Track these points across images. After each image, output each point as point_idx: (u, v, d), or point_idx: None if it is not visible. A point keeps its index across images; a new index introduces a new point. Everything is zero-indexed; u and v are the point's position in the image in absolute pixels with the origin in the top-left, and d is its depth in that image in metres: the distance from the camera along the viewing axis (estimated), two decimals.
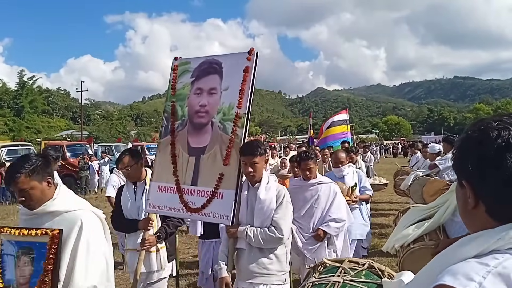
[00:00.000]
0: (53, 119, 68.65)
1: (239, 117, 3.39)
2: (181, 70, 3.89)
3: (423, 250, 2.75)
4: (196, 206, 3.43)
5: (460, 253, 0.92)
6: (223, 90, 3.55)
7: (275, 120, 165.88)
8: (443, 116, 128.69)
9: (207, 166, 3.48)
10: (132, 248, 3.99)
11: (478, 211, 0.96)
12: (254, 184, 3.28)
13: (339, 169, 5.47)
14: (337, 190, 4.39)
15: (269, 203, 3.17)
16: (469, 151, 0.97)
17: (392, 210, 11.05)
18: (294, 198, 4.13)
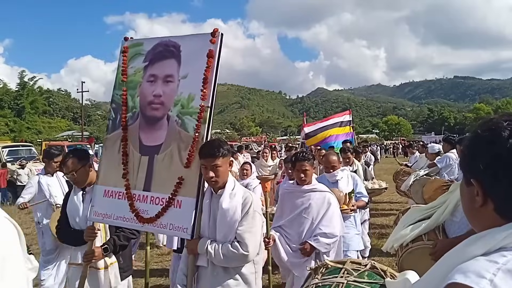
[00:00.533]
0: (54, 120, 68.58)
1: (202, 111, 2.87)
2: (133, 52, 3.34)
3: (421, 249, 2.77)
4: (149, 216, 2.92)
5: (468, 251, 0.92)
6: (181, 78, 3.03)
7: (275, 120, 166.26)
8: (443, 116, 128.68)
9: (163, 168, 2.98)
10: (76, 262, 3.48)
11: (485, 209, 0.97)
12: (217, 190, 2.81)
13: (332, 174, 4.84)
14: (332, 201, 3.87)
15: (232, 213, 2.70)
16: (480, 151, 0.98)
17: (392, 210, 11.06)
18: (283, 203, 3.92)
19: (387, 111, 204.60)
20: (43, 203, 5.69)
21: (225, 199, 2.73)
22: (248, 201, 2.76)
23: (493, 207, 0.96)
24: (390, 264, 6.19)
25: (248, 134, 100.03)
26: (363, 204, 5.06)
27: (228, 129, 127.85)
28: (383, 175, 15.51)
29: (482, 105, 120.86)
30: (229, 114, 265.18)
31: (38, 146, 27.12)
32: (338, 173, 4.86)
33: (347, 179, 4.94)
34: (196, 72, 2.94)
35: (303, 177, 3.83)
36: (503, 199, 0.94)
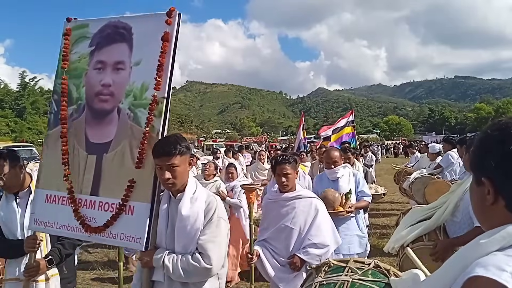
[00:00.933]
0: None
1: (156, 102, 2.49)
2: (76, 35, 2.89)
3: (422, 250, 2.77)
4: (97, 224, 2.54)
5: (483, 247, 0.94)
6: (133, 64, 2.64)
7: (276, 120, 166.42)
8: (444, 116, 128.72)
9: (112, 169, 2.59)
10: (13, 277, 3.03)
11: (497, 207, 1.00)
12: (176, 194, 2.43)
13: (333, 170, 4.52)
14: (320, 206, 3.48)
15: (193, 220, 2.33)
16: (491, 149, 1.00)
17: (393, 210, 11.07)
18: (267, 214, 3.61)
19: (387, 111, 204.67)
20: None
21: (185, 204, 2.37)
22: (212, 206, 2.39)
23: (504, 204, 0.99)
24: (391, 264, 6.18)
25: (249, 134, 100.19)
26: (365, 204, 4.61)
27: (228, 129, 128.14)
28: (384, 175, 15.55)
29: (483, 105, 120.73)
30: (230, 114, 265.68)
31: (39, 147, 27.11)
32: (339, 170, 4.53)
33: (348, 177, 4.62)
34: (151, 58, 2.55)
35: (284, 181, 3.42)
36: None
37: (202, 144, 44.23)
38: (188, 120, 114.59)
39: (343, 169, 4.61)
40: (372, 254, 6.73)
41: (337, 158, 4.55)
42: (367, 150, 13.45)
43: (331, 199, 4.09)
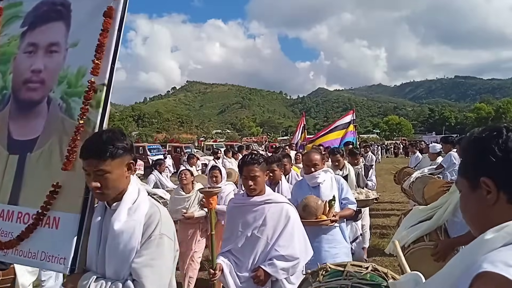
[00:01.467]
0: None
1: (94, 90, 2.09)
2: (8, 15, 2.48)
3: (423, 250, 2.78)
4: (9, 238, 2.07)
5: (488, 244, 0.95)
6: (70, 46, 2.23)
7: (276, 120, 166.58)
8: (444, 116, 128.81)
9: (37, 172, 2.14)
10: None
11: (498, 204, 1.02)
12: (112, 203, 1.94)
13: (313, 175, 4.05)
14: (292, 213, 3.05)
15: (128, 237, 1.83)
16: (489, 148, 1.03)
17: (393, 210, 11.06)
18: (232, 221, 3.14)
19: (388, 111, 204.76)
20: None
21: (120, 216, 1.86)
22: (153, 220, 1.88)
23: (506, 199, 1.01)
24: (392, 264, 6.19)
25: (249, 135, 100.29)
26: (350, 213, 4.14)
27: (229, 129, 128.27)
28: (384, 175, 15.53)
29: (483, 104, 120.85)
30: (230, 115, 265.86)
31: None
32: (320, 175, 4.07)
33: (331, 183, 4.15)
34: (91, 38, 2.14)
35: (251, 185, 3.00)
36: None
37: (202, 144, 44.23)
38: (188, 120, 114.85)
39: (325, 173, 4.15)
40: (372, 254, 6.76)
41: (317, 161, 4.10)
42: (367, 150, 13.43)
43: (313, 206, 3.70)
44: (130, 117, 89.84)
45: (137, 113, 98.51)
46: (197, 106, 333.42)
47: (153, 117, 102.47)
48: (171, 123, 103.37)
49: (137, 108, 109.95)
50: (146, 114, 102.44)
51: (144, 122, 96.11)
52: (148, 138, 66.85)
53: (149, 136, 71.01)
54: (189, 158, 11.13)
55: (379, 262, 6.46)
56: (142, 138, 60.96)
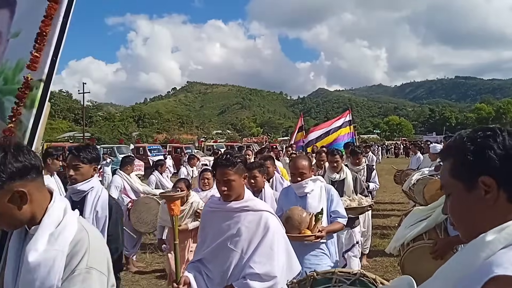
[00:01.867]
0: (55, 121, 68.74)
1: (29, 87, 1.76)
2: None
3: (422, 248, 2.81)
4: None
5: (490, 247, 0.93)
6: (11, 36, 1.93)
7: (276, 121, 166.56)
8: (445, 116, 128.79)
9: None
10: None
11: (498, 203, 1.01)
12: (30, 226, 1.54)
13: (300, 184, 3.67)
14: (271, 223, 2.58)
15: (46, 272, 1.42)
16: (488, 146, 1.02)
17: (394, 210, 11.08)
18: (206, 227, 2.75)
19: (388, 112, 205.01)
20: None
21: (36, 245, 1.45)
22: (79, 249, 1.46)
23: (506, 197, 1.00)
24: (392, 264, 6.20)
25: (249, 135, 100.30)
26: (339, 227, 3.74)
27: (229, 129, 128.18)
28: (385, 175, 15.53)
29: (483, 105, 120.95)
30: (230, 115, 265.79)
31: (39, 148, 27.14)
32: (308, 184, 3.68)
33: (320, 193, 3.75)
34: (33, 26, 1.81)
35: (225, 190, 2.56)
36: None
37: (202, 145, 44.24)
38: (188, 121, 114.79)
39: (313, 183, 3.76)
40: (373, 254, 6.77)
41: (305, 168, 3.70)
42: (367, 151, 13.42)
43: (296, 219, 3.32)
44: (130, 117, 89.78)
45: (137, 114, 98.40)
46: (197, 106, 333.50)
47: (154, 117, 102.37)
48: (172, 124, 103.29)
49: (137, 109, 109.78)
50: (147, 115, 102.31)
51: (145, 123, 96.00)
52: (148, 138, 66.74)
53: (149, 137, 70.88)
54: (189, 159, 11.14)
55: (379, 262, 6.47)
56: (142, 138, 60.92)
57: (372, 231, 7.90)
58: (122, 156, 11.57)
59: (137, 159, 21.35)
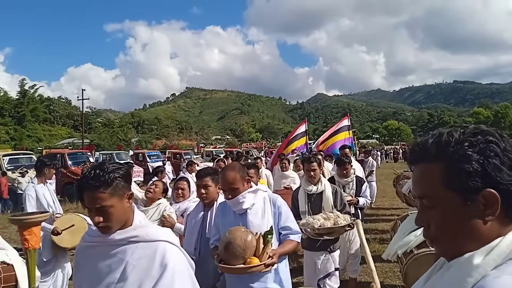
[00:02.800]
0: (54, 128, 68.80)
1: None
2: None
3: (427, 256, 2.78)
4: None
5: (479, 270, 0.86)
6: None
7: (275, 126, 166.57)
8: (444, 121, 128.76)
9: None
10: None
11: (495, 219, 0.91)
12: None
13: (235, 201, 2.96)
14: (171, 258, 1.77)
15: None
16: (493, 154, 0.91)
17: (393, 215, 11.03)
18: (80, 269, 1.92)
19: (387, 116, 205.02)
20: None
21: None
22: None
23: (503, 213, 0.90)
24: (391, 270, 6.18)
25: (249, 140, 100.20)
26: (293, 246, 3.05)
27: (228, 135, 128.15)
28: (384, 180, 15.56)
29: (482, 109, 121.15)
30: (229, 121, 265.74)
31: (38, 154, 27.13)
32: (246, 198, 2.98)
33: (263, 206, 3.06)
34: None
35: (100, 222, 1.76)
36: None
37: (202, 151, 44.20)
38: (187, 127, 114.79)
39: (253, 194, 3.05)
40: (373, 260, 6.72)
41: (235, 182, 2.95)
42: (367, 156, 13.43)
43: (239, 245, 2.55)
44: (129, 123, 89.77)
45: (136, 120, 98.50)
46: (196, 112, 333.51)
47: (153, 123, 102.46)
48: (171, 130, 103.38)
49: (136, 115, 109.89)
50: (146, 121, 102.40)
51: (144, 129, 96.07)
52: (147, 144, 66.80)
53: (148, 143, 70.96)
54: (188, 165, 11.13)
55: (379, 268, 6.45)
56: (141, 144, 60.95)
57: (372, 236, 7.89)
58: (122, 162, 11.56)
59: (136, 165, 21.44)
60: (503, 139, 0.92)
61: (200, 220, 3.47)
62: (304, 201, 4.58)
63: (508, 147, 0.91)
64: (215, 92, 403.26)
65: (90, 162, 19.14)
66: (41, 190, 5.59)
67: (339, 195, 4.66)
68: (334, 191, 4.65)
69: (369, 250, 1.54)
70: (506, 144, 0.92)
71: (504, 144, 0.91)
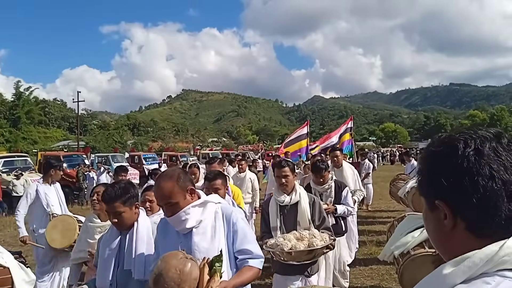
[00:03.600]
0: (49, 130, 68.62)
1: None
2: None
3: (424, 257, 2.77)
4: None
5: (447, 281, 0.84)
6: None
7: (272, 128, 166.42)
8: (440, 123, 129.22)
9: None
10: None
11: (457, 231, 0.90)
12: None
13: (177, 218, 2.37)
14: None
15: None
16: (439, 167, 0.92)
17: (390, 218, 11.03)
18: None
19: (383, 119, 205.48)
20: (39, 212, 5.73)
21: None
22: None
23: (464, 226, 0.89)
24: (388, 272, 6.15)
25: (245, 143, 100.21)
26: (253, 275, 2.46)
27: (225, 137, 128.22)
28: (380, 183, 15.57)
29: (477, 111, 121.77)
30: (226, 123, 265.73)
31: (33, 157, 27.03)
32: (191, 214, 2.39)
33: (213, 224, 2.47)
34: None
35: None
36: (475, 213, 0.87)
37: (198, 153, 44.18)
38: (184, 129, 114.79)
39: (199, 209, 2.44)
40: (369, 262, 6.72)
41: (172, 194, 2.35)
42: (363, 158, 13.46)
43: (173, 278, 1.97)
44: (125, 125, 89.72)
45: (132, 122, 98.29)
46: (192, 114, 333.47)
47: (149, 125, 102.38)
48: (167, 132, 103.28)
49: (132, 117, 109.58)
50: (142, 123, 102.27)
51: (140, 131, 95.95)
52: (143, 147, 66.74)
53: (144, 145, 70.92)
54: (184, 167, 11.09)
55: (375, 270, 6.42)
56: (137, 147, 60.84)
57: (368, 238, 7.87)
58: (117, 164, 11.52)
59: (132, 167, 21.38)
60: (466, 149, 0.89)
61: (116, 248, 2.81)
62: (276, 215, 3.84)
63: (464, 163, 0.88)
64: (212, 94, 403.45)
65: (85, 165, 19.09)
66: (45, 190, 5.70)
67: (317, 207, 3.94)
68: (311, 202, 3.94)
69: None
70: (461, 159, 0.89)
71: (455, 160, 0.89)
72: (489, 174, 0.86)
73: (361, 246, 7.66)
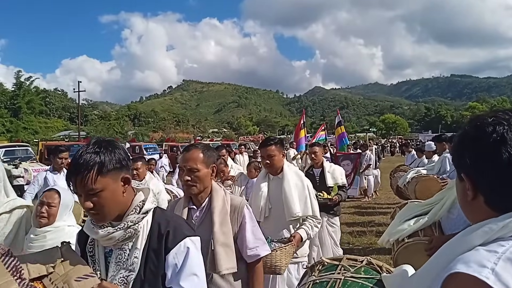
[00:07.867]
0: (50, 120, 68.62)
1: None
2: None
3: (417, 245, 2.79)
4: None
5: (466, 242, 0.96)
6: None
7: (272, 119, 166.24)
8: (441, 114, 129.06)
9: None
10: None
11: (477, 202, 1.01)
12: None
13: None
14: None
15: None
16: (467, 147, 1.03)
17: (390, 208, 11.08)
18: None
19: (384, 110, 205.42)
20: None
21: None
22: None
23: (483, 200, 1.00)
24: (388, 262, 6.19)
25: (246, 133, 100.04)
26: None
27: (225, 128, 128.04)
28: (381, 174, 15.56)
29: (477, 103, 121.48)
30: (226, 114, 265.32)
31: (34, 146, 27.07)
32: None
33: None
34: None
35: None
36: (491, 191, 0.98)
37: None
38: (184, 120, 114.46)
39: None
40: (369, 252, 6.78)
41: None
42: (364, 150, 13.16)
43: None
44: (126, 116, 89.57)
45: (133, 112, 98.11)
46: (193, 105, 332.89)
47: (149, 116, 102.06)
48: (168, 122, 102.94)
49: (133, 107, 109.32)
50: (142, 113, 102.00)
51: (140, 122, 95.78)
52: (144, 137, 66.76)
53: (145, 136, 70.90)
54: None
55: (376, 259, 6.49)
56: (138, 137, 60.83)
57: (369, 229, 7.92)
58: None
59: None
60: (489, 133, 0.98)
61: None
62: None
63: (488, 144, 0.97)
64: (212, 84, 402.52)
65: None
66: (54, 178, 5.74)
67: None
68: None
69: None
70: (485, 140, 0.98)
71: (477, 139, 1.00)
72: (507, 161, 0.94)
73: (361, 236, 7.72)
